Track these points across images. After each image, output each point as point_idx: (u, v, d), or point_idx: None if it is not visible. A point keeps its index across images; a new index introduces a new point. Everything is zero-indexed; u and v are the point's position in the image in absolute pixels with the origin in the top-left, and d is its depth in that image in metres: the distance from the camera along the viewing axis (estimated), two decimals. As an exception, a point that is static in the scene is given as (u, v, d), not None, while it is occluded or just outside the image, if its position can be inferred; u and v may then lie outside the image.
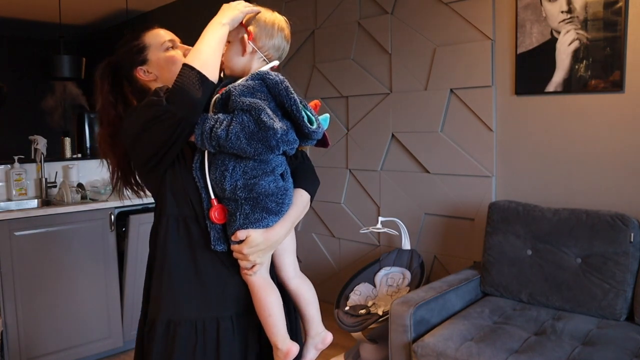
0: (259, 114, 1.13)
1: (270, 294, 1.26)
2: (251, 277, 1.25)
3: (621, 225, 2.17)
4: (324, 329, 1.38)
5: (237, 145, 1.14)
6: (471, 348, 1.99)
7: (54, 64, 4.42)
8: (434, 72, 2.93)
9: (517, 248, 2.41)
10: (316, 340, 1.36)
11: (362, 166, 3.35)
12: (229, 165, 1.19)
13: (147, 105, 1.22)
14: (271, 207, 1.22)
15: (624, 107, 2.32)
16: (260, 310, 1.26)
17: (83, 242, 2.92)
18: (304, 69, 3.61)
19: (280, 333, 1.26)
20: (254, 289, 1.26)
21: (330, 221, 3.57)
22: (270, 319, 1.25)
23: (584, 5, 2.35)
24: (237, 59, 1.28)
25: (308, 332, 1.37)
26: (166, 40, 1.38)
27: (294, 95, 1.19)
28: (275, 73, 1.21)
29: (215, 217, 1.23)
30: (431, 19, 2.92)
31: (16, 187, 3.21)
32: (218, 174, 1.21)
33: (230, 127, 1.14)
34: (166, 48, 1.38)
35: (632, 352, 1.90)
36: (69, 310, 2.89)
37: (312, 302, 1.36)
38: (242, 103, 1.15)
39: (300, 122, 1.18)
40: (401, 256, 2.93)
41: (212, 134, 1.16)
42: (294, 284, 1.34)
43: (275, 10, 1.39)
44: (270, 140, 1.14)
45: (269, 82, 1.18)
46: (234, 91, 1.17)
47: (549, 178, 2.58)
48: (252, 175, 1.19)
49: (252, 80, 1.19)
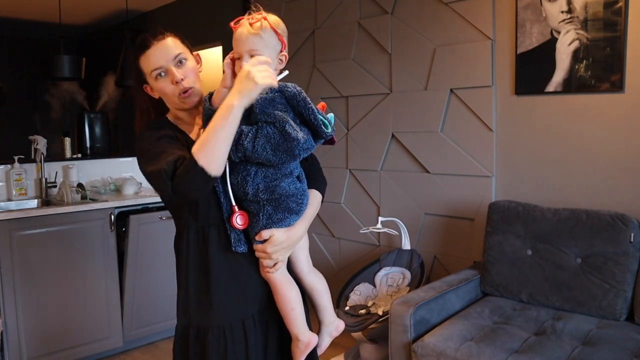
0: (284, 125, 1.19)
1: (291, 289, 1.34)
2: (273, 275, 1.32)
3: (621, 225, 2.17)
4: (336, 318, 1.48)
5: (264, 156, 1.20)
6: (471, 348, 1.99)
7: (54, 64, 4.42)
8: (434, 72, 2.93)
9: (517, 248, 2.41)
10: (330, 328, 1.46)
11: (362, 166, 3.35)
12: (251, 170, 1.25)
13: (153, 174, 1.21)
14: (292, 207, 1.30)
15: (624, 107, 2.32)
16: (283, 305, 1.33)
17: (83, 242, 2.92)
18: (304, 69, 3.61)
19: (301, 325, 1.34)
20: (276, 285, 1.33)
21: (330, 221, 3.57)
22: (292, 313, 1.33)
23: (584, 5, 2.35)
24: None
25: (322, 320, 1.46)
26: (154, 69, 1.32)
27: (311, 104, 1.24)
28: (292, 85, 1.26)
29: (237, 224, 1.28)
30: (431, 19, 2.92)
31: (16, 187, 3.22)
32: (240, 179, 1.26)
33: (257, 140, 1.19)
34: (155, 77, 1.33)
35: (632, 352, 1.90)
36: (69, 310, 2.89)
37: (325, 293, 1.44)
38: (267, 115, 1.21)
39: (318, 129, 1.24)
40: (401, 256, 2.93)
41: (239, 146, 1.20)
42: (309, 279, 1.42)
43: (276, 10, 1.39)
44: (294, 150, 1.20)
45: (287, 94, 1.24)
46: (256, 104, 1.21)
47: (549, 178, 2.58)
48: (272, 178, 1.26)
49: (271, 92, 1.23)
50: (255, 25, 1.24)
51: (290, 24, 1.39)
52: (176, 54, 1.33)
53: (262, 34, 1.23)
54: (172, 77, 1.31)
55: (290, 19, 3.71)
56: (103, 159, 3.73)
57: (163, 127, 1.35)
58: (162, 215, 3.06)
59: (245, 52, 1.25)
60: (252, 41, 1.24)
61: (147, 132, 1.33)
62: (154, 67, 1.32)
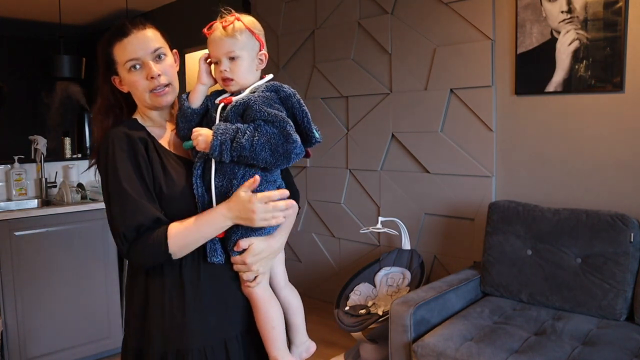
0: (285, 126, 1.14)
1: (273, 305, 1.24)
2: (254, 290, 1.23)
3: (621, 225, 2.17)
4: (308, 339, 1.37)
5: (262, 156, 1.14)
6: (471, 348, 1.99)
7: (54, 64, 4.42)
8: (434, 72, 2.93)
9: (517, 248, 2.41)
10: (301, 349, 1.35)
11: (362, 166, 3.35)
12: (238, 173, 1.18)
13: (113, 225, 1.17)
14: None
15: (624, 107, 2.32)
16: (263, 324, 1.24)
17: (83, 242, 2.92)
18: (304, 69, 3.61)
19: (282, 347, 1.25)
20: (257, 302, 1.23)
21: (330, 221, 3.57)
22: (272, 332, 1.23)
23: (584, 5, 2.35)
24: (252, 74, 1.23)
25: (293, 340, 1.36)
26: (129, 60, 1.20)
27: (305, 107, 1.21)
28: (287, 86, 1.21)
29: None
30: (431, 19, 2.92)
31: (16, 187, 3.21)
32: (225, 182, 1.18)
33: (255, 138, 1.12)
34: (129, 68, 1.21)
35: (632, 352, 1.90)
36: (69, 310, 2.89)
37: (299, 311, 1.35)
38: (267, 114, 1.14)
39: (309, 134, 1.20)
40: (401, 256, 2.93)
41: (235, 144, 1.13)
42: (283, 294, 1.32)
43: (276, 10, 1.38)
44: (291, 152, 1.14)
45: (282, 94, 1.19)
46: (255, 101, 1.16)
47: (548, 178, 2.58)
48: (259, 184, 1.17)
49: (267, 91, 1.18)
50: (229, 28, 1.19)
51: (290, 24, 1.40)
52: (156, 47, 1.22)
53: (237, 36, 1.19)
54: (149, 71, 1.20)
55: (290, 19, 3.71)
56: (103, 159, 3.72)
57: (133, 139, 1.20)
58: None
59: (222, 55, 1.20)
60: (228, 44, 1.19)
61: (119, 148, 1.18)
62: (129, 57, 1.20)
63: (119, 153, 1.17)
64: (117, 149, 1.18)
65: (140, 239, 1.14)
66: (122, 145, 1.18)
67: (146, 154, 1.20)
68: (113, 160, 1.17)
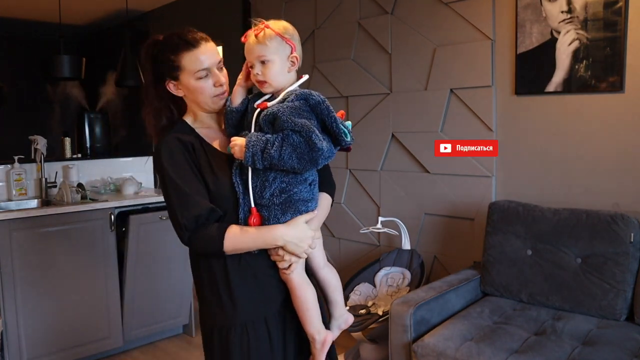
0: (310, 135, 1.24)
1: (307, 290, 1.38)
2: (290, 277, 1.36)
3: (621, 225, 2.17)
4: (346, 312, 1.51)
5: (289, 164, 1.26)
6: (471, 348, 1.99)
7: (54, 64, 4.42)
8: (434, 72, 2.93)
9: (517, 248, 2.41)
10: (339, 321, 1.49)
11: (362, 166, 3.35)
12: (269, 176, 1.30)
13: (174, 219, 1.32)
14: (301, 209, 1.35)
15: (623, 107, 2.32)
16: (299, 305, 1.38)
17: (83, 242, 2.92)
18: (304, 69, 3.58)
19: (316, 324, 1.39)
20: (292, 286, 1.37)
21: (330, 221, 3.57)
22: (308, 313, 1.38)
23: (584, 5, 2.35)
24: (284, 76, 1.35)
25: (333, 314, 1.50)
26: (201, 69, 1.35)
27: (334, 113, 1.30)
28: (316, 93, 1.30)
29: (254, 224, 1.32)
30: (431, 19, 2.92)
31: (16, 187, 3.22)
32: (259, 183, 1.31)
33: (283, 148, 1.24)
34: (199, 77, 1.36)
35: (632, 352, 1.90)
36: (69, 310, 2.89)
37: (337, 287, 1.49)
38: (294, 124, 1.24)
39: (339, 137, 1.31)
40: (401, 256, 2.93)
41: (265, 154, 1.25)
42: (323, 273, 1.46)
43: (276, 10, 1.42)
44: (318, 159, 1.26)
45: (312, 102, 1.29)
46: (283, 112, 1.26)
47: (549, 178, 2.58)
48: (288, 184, 1.31)
49: (297, 100, 1.28)
50: (259, 35, 1.31)
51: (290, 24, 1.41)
52: (220, 59, 1.39)
53: (267, 42, 1.30)
54: (217, 79, 1.37)
55: (290, 19, 3.69)
56: (103, 159, 3.73)
57: (185, 142, 1.36)
58: (162, 215, 3.06)
59: (254, 59, 1.32)
60: (258, 49, 1.31)
61: (173, 152, 1.34)
62: (202, 66, 1.35)
63: (174, 156, 1.34)
64: (171, 153, 1.34)
65: (200, 229, 1.30)
66: (175, 149, 1.34)
67: (195, 155, 1.36)
68: (168, 163, 1.33)
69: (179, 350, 3.23)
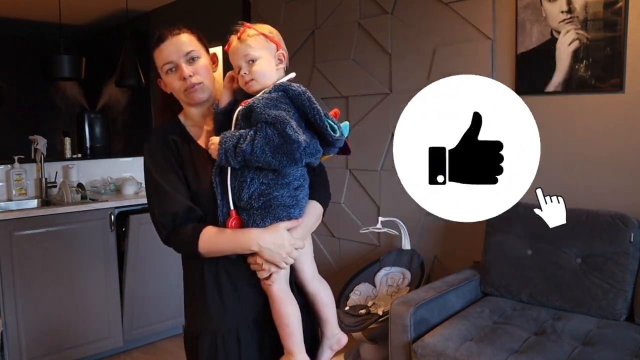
0: (284, 127, 1.15)
1: (288, 305, 1.28)
2: (271, 288, 1.27)
3: (621, 225, 2.17)
4: (339, 331, 1.41)
5: (263, 159, 1.17)
6: (471, 348, 1.99)
7: (54, 64, 4.41)
8: (434, 72, 2.93)
9: (517, 248, 2.41)
10: (332, 341, 1.40)
11: (362, 166, 3.35)
12: (247, 176, 1.23)
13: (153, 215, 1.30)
14: (281, 215, 1.26)
15: (624, 107, 2.32)
16: (278, 320, 1.28)
17: (83, 242, 2.92)
18: (304, 69, 3.60)
19: (296, 343, 1.28)
20: (272, 299, 1.28)
21: (330, 221, 3.57)
22: (287, 329, 1.28)
23: (584, 5, 2.35)
24: (272, 74, 1.29)
25: (324, 333, 1.40)
26: (166, 63, 1.32)
27: (317, 105, 1.22)
28: (297, 84, 1.24)
29: (232, 227, 1.25)
30: (431, 19, 2.92)
31: (16, 187, 3.22)
32: (237, 184, 1.24)
33: (255, 142, 1.16)
34: (166, 71, 1.34)
35: (632, 352, 1.90)
36: (69, 310, 2.89)
37: (329, 304, 1.39)
38: (267, 116, 1.16)
39: (324, 131, 1.21)
40: (401, 256, 2.93)
41: (237, 150, 1.18)
42: (312, 286, 1.37)
43: (276, 10, 1.42)
44: (294, 153, 1.16)
45: (291, 93, 1.21)
46: (258, 104, 1.19)
47: (548, 178, 2.58)
48: (268, 186, 1.23)
49: (274, 92, 1.21)
50: (242, 36, 1.28)
51: (290, 24, 1.41)
52: (188, 50, 1.32)
53: (249, 41, 1.27)
54: (181, 73, 1.31)
55: (290, 19, 3.71)
56: (103, 159, 3.73)
57: (167, 140, 1.34)
58: (162, 215, 3.05)
59: (240, 60, 1.27)
60: (243, 49, 1.27)
61: (155, 149, 1.33)
62: (165, 61, 1.32)
63: (155, 154, 1.32)
64: (153, 151, 1.32)
65: (178, 228, 1.27)
66: (157, 147, 1.32)
67: (178, 153, 1.32)
68: (150, 162, 1.31)
69: (179, 350, 3.23)
